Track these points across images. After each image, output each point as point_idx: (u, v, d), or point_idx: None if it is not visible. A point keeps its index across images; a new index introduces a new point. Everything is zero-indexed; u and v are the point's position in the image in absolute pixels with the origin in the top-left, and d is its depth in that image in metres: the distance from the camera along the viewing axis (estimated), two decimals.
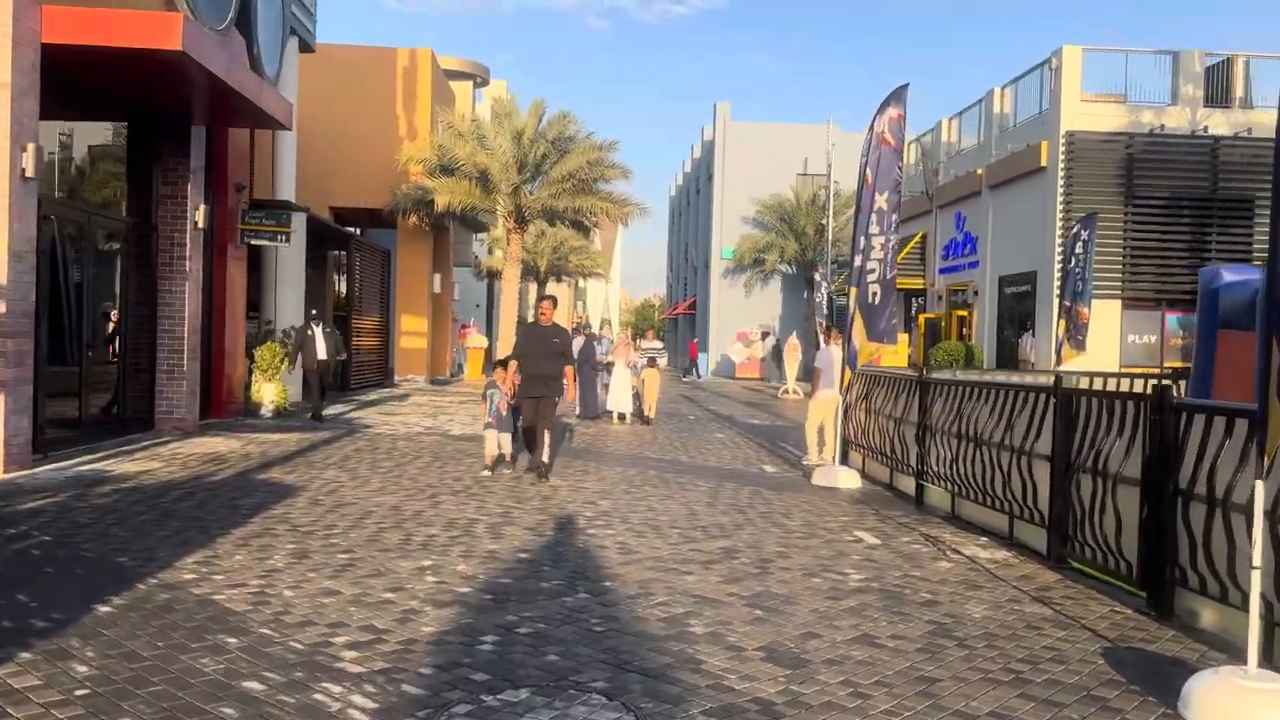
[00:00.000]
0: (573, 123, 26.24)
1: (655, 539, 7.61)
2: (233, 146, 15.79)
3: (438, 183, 25.09)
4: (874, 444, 11.43)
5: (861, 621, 5.57)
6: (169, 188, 13.43)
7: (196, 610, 5.20)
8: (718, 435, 16.50)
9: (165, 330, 13.42)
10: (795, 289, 45.27)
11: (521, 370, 10.33)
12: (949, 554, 7.51)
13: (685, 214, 61.39)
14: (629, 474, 11.24)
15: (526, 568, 6.47)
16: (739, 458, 13.37)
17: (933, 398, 9.72)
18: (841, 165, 37.73)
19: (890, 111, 10.99)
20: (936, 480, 9.53)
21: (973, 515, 8.88)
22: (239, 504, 8.28)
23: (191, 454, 11.29)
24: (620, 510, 8.80)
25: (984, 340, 24.60)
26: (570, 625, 5.23)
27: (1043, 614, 5.91)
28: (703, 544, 7.50)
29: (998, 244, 24.23)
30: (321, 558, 6.50)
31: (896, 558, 7.31)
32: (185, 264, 13.45)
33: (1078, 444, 6.95)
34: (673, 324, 68.26)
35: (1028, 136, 22.90)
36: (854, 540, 7.92)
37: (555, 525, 7.98)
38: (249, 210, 16.03)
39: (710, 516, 8.69)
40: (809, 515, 9.01)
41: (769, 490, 10.46)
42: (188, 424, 13.50)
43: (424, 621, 5.19)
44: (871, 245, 10.94)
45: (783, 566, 6.83)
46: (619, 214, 26.89)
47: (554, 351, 10.33)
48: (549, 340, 10.36)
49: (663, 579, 6.33)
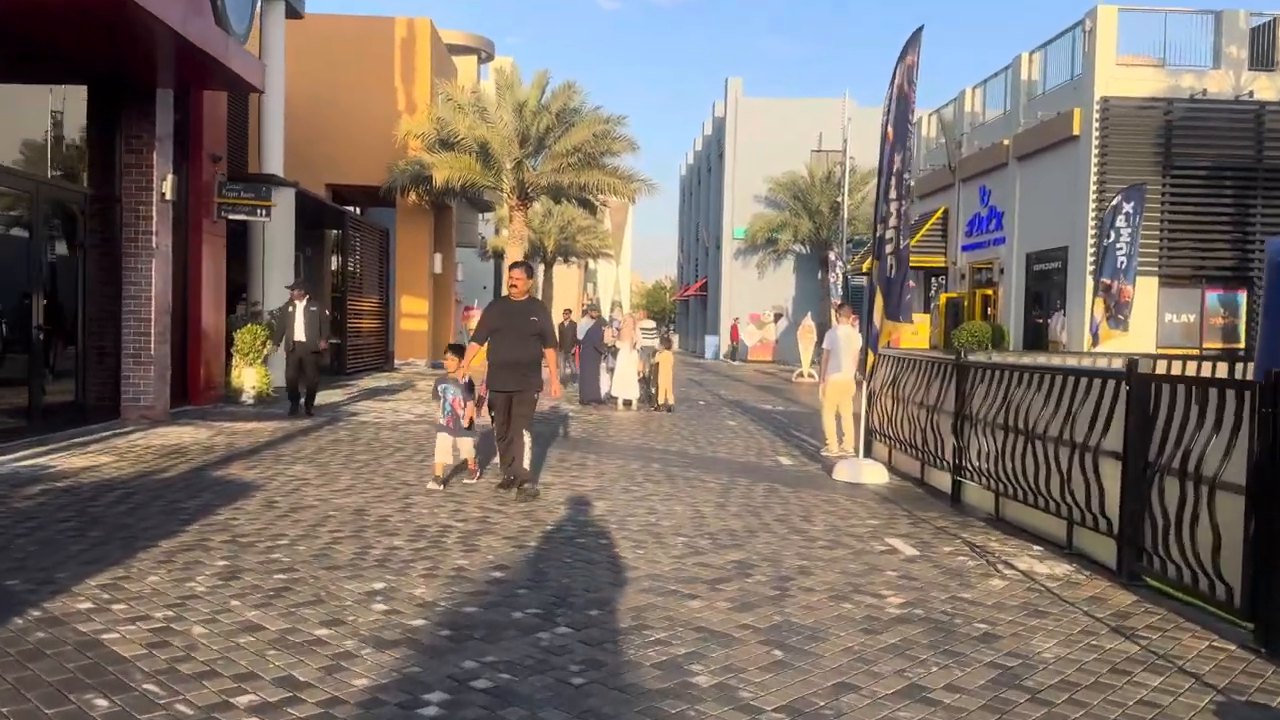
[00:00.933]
0: (577, 94, 25.08)
1: (656, 550, 6.52)
2: (209, 114, 14.71)
3: (436, 158, 23.95)
4: (902, 435, 10.31)
5: (907, 665, 4.48)
6: (132, 156, 12.35)
7: (73, 656, 4.15)
8: (729, 423, 15.40)
9: (130, 311, 12.37)
10: (809, 269, 44.01)
11: (491, 358, 8.35)
12: (1000, 568, 6.41)
13: (696, 193, 60.11)
14: (630, 468, 10.15)
15: (499, 591, 5.40)
16: (752, 448, 12.27)
17: (973, 383, 8.59)
18: (858, 141, 36.46)
19: (908, 58, 9.83)
20: (977, 477, 8.41)
21: (1021, 518, 7.77)
22: (180, 508, 7.23)
23: (151, 446, 10.26)
24: (617, 513, 7.72)
25: (1010, 320, 23.38)
26: (542, 674, 4.16)
27: (1127, 651, 4.81)
28: (711, 556, 6.41)
29: (1025, 218, 22.98)
30: (254, 578, 5.44)
31: (939, 574, 6.21)
32: (151, 239, 12.38)
33: (1159, 440, 5.83)
34: (684, 306, 67.06)
35: (1058, 104, 21.60)
36: (887, 550, 6.82)
37: (540, 534, 6.90)
38: (226, 183, 14.95)
39: (720, 520, 7.60)
40: (832, 518, 7.91)
41: (786, 487, 9.36)
42: (156, 412, 12.47)
43: (357, 671, 4.12)
44: (889, 212, 9.79)
45: (805, 587, 5.74)
46: (626, 190, 25.70)
47: (530, 333, 8.27)
48: (524, 319, 8.27)
49: (662, 606, 5.24)
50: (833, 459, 11.33)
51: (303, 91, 24.67)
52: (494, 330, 8.32)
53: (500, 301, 8.79)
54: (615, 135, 25.21)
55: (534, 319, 8.36)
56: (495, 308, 8.66)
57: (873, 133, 36.79)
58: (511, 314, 8.35)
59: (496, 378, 8.33)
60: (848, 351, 11.87)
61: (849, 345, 11.88)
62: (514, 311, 8.36)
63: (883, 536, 7.25)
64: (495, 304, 8.82)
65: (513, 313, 8.35)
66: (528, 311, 8.39)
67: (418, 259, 27.73)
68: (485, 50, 40.11)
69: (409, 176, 24.59)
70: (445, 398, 8.71)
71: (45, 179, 11.14)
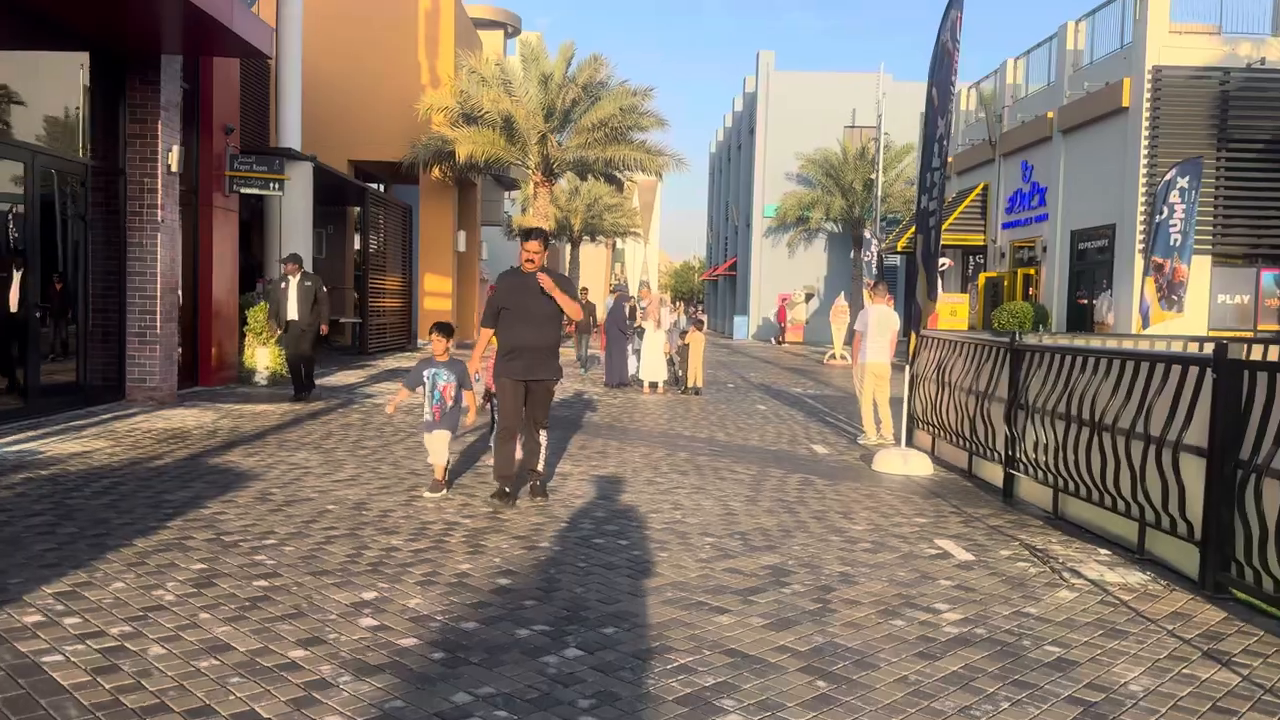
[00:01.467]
0: (604, 67, 24.36)
1: (681, 552, 5.90)
2: (220, 84, 14.17)
3: (459, 132, 23.36)
4: (948, 423, 9.61)
5: (972, 700, 3.83)
6: (136, 126, 11.81)
7: (2, 684, 3.58)
8: (759, 407, 14.72)
9: (135, 289, 11.87)
10: (841, 248, 43.11)
11: (501, 343, 7.11)
12: (1067, 577, 5.72)
13: (725, 171, 59.17)
14: (655, 457, 9.52)
15: (503, 603, 4.79)
16: (785, 435, 11.60)
17: (1029, 369, 7.87)
18: (893, 117, 35.52)
19: (952, 14, 9.07)
20: (1033, 471, 7.71)
21: (1084, 517, 7.07)
22: (167, 500, 6.68)
23: (151, 430, 9.76)
24: (639, 509, 7.09)
25: (1052, 301, 22.48)
26: (545, 712, 3.55)
27: (1226, 683, 4.13)
28: (742, 560, 5.78)
29: (1070, 195, 22.04)
30: (232, 585, 4.86)
31: (999, 583, 5.54)
32: (157, 213, 11.85)
33: (1254, 436, 5.11)
34: (712, 285, 66.25)
35: (1107, 74, 20.62)
36: (938, 554, 6.16)
37: (553, 533, 6.29)
38: (239, 156, 14.41)
39: (752, 517, 6.95)
40: (875, 515, 7.24)
41: (822, 479, 8.70)
42: (163, 394, 11.98)
43: (330, 705, 3.53)
44: (933, 181, 9.04)
45: (849, 598, 5.09)
46: (654, 165, 25.00)
47: (547, 313, 7.04)
48: (539, 295, 7.01)
49: (687, 622, 4.62)
50: (871, 448, 10.66)
51: (325, 66, 24.15)
52: (504, 310, 7.05)
53: (511, 274, 7.22)
54: (643, 110, 24.52)
55: (550, 297, 7.11)
56: (506, 283, 7.17)
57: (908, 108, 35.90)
58: (526, 291, 7.02)
59: (507, 366, 7.04)
60: (883, 333, 11.16)
61: (884, 327, 11.17)
62: (528, 288, 7.02)
63: (932, 537, 6.58)
64: (506, 277, 7.25)
65: (527, 290, 7.02)
66: (541, 288, 7.09)
67: (441, 237, 27.19)
68: (512, 25, 39.37)
69: (431, 152, 24.02)
70: (434, 384, 7.26)
71: (43, 149, 10.62)
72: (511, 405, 7.06)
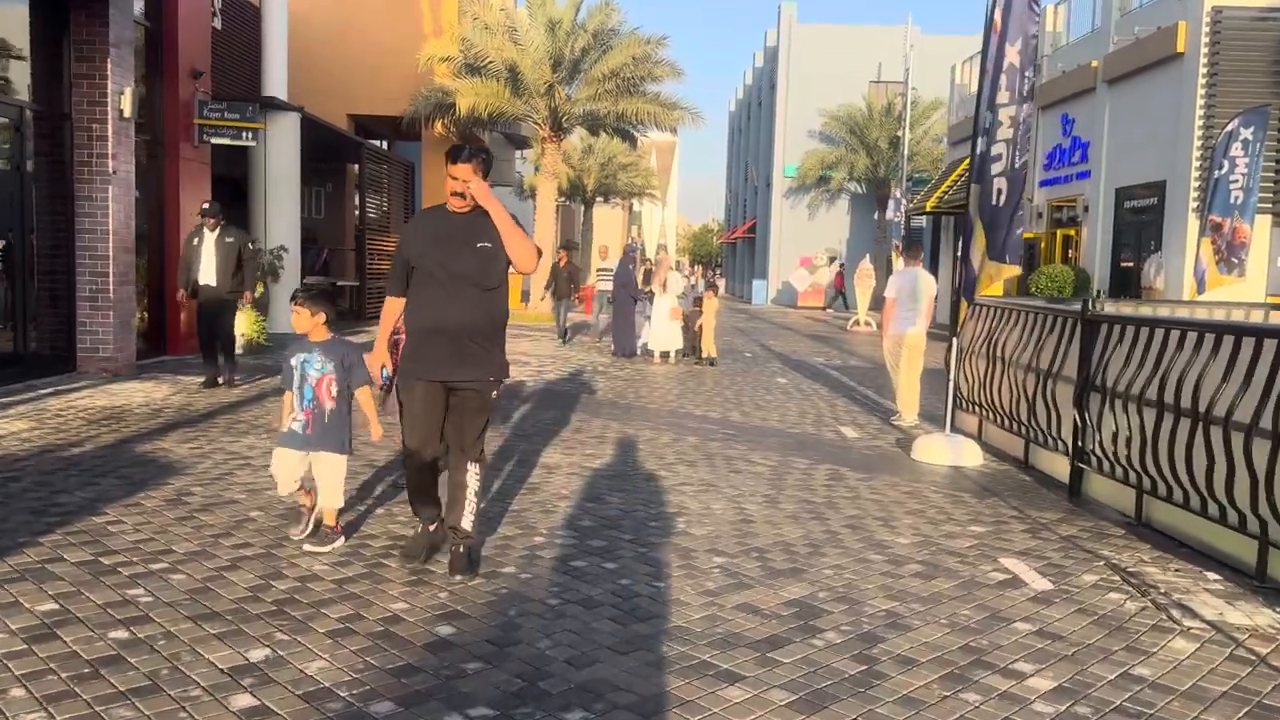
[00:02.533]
0: (616, 12, 22.88)
1: (683, 579, 4.66)
2: (186, 22, 12.86)
3: (461, 83, 21.99)
4: (999, 404, 8.31)
5: None
6: (83, 65, 10.53)
7: None
8: (779, 380, 13.43)
9: (85, 247, 10.66)
10: (865, 210, 41.51)
11: (410, 319, 4.60)
12: (1177, 616, 4.45)
13: (745, 131, 57.42)
14: (660, 443, 8.27)
15: (438, 665, 3.57)
16: (809, 414, 10.32)
17: (1106, 343, 6.56)
18: (920, 71, 33.78)
19: None
20: (1110, 466, 6.43)
21: (1177, 526, 5.78)
22: (58, 503, 5.49)
23: (90, 408, 8.58)
24: (635, 515, 5.85)
25: (1094, 264, 20.98)
26: None
27: None
28: (760, 592, 4.54)
29: (1115, 150, 20.47)
30: (81, 635, 3.66)
31: (1091, 626, 4.28)
32: (108, 162, 10.61)
33: None
34: (730, 249, 64.72)
35: (1159, 18, 18.97)
36: (1006, 579, 4.90)
37: (524, 551, 5.06)
38: (208, 103, 13.13)
39: (772, 526, 5.70)
40: (921, 522, 5.98)
41: (854, 471, 7.43)
42: (119, 364, 10.81)
43: None
44: (999, 120, 7.66)
45: (902, 655, 3.85)
46: (669, 119, 23.56)
47: (482, 273, 4.49)
48: (469, 247, 4.48)
49: (684, 696, 3.39)
50: (908, 430, 9.39)
51: (322, 13, 22.77)
52: (416, 269, 4.54)
53: (430, 215, 4.74)
54: (657, 59, 23.04)
55: (485, 245, 4.46)
56: (420, 228, 4.67)
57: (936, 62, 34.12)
58: (450, 239, 4.47)
59: (417, 358, 4.52)
60: (918, 300, 9.84)
61: (919, 293, 9.84)
62: (452, 236, 4.48)
63: (995, 555, 5.31)
64: (421, 220, 4.78)
65: (450, 237, 4.47)
66: (476, 233, 4.47)
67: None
68: None
69: (432, 105, 22.63)
70: (304, 378, 4.87)
71: None
72: (422, 422, 4.52)
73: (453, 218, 4.55)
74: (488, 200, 4.46)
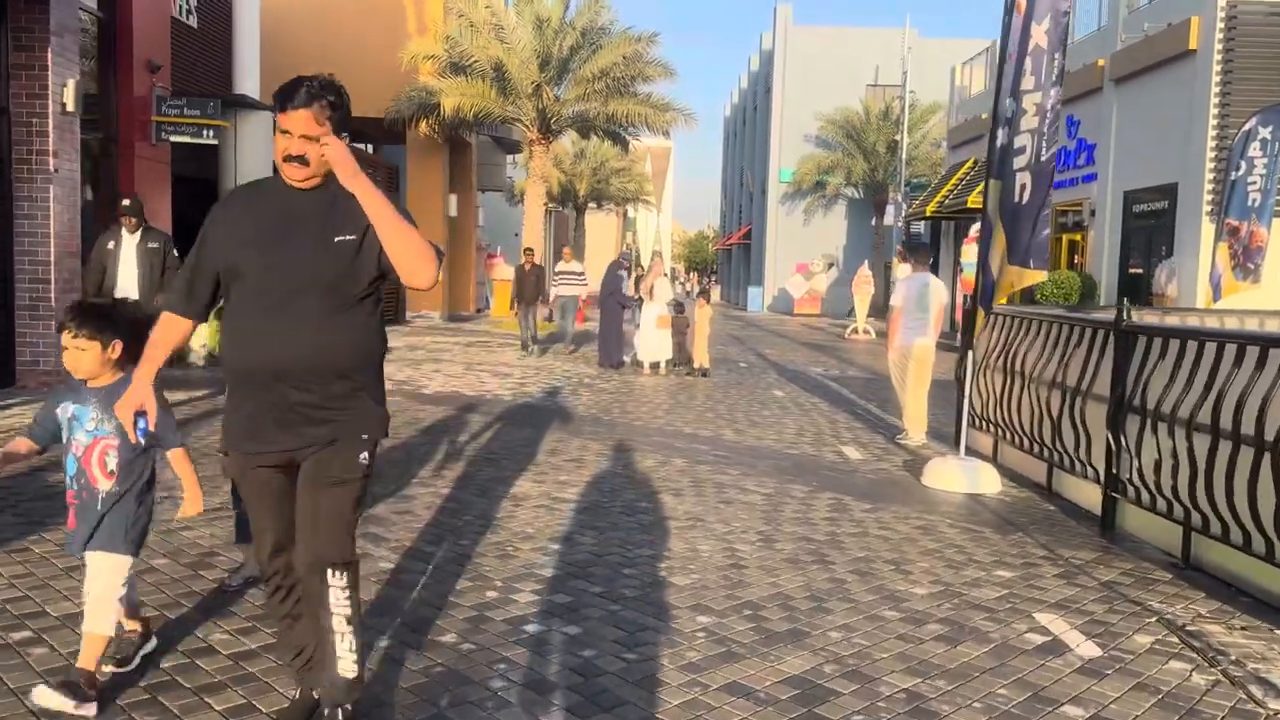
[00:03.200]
0: (606, 9, 22.11)
1: (661, 650, 3.86)
2: (142, 12, 12.07)
3: (445, 83, 21.21)
4: (1017, 423, 7.53)
5: None
6: (21, 55, 9.73)
7: None
8: (776, 393, 12.64)
9: (24, 252, 9.85)
10: (862, 215, 40.76)
11: (226, 356, 2.97)
12: (1256, 692, 3.66)
13: (740, 135, 56.73)
14: (644, 467, 7.47)
15: None
16: (807, 432, 9.53)
17: (1145, 357, 5.79)
18: (919, 74, 33.11)
19: None
20: (1150, 498, 5.65)
21: (1232, 570, 4.99)
22: None
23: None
24: (608, 559, 5.05)
25: (1101, 270, 20.25)
26: None
27: None
28: (752, 664, 3.74)
29: (1123, 151, 19.75)
30: None
31: (1153, 709, 3.48)
32: (48, 160, 9.80)
33: None
34: (726, 255, 64.00)
35: (1169, 14, 18.26)
36: (1045, 641, 4.11)
37: (469, 614, 4.25)
38: (167, 99, 12.35)
39: (767, 574, 4.91)
40: (939, 564, 5.18)
41: (860, 501, 6.64)
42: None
43: None
44: (1023, 109, 6.89)
45: None
46: (661, 121, 22.79)
47: (335, 277, 2.86)
48: (317, 236, 2.87)
49: None
50: (915, 449, 8.61)
51: (299, 11, 22.03)
52: (230, 274, 2.94)
53: (249, 196, 3.08)
54: (648, 59, 22.27)
55: (348, 238, 2.86)
56: (232, 212, 3.02)
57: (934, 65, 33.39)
58: (281, 229, 2.89)
59: (242, 416, 2.98)
60: (926, 309, 9.06)
61: (927, 300, 9.07)
62: (287, 223, 2.90)
63: (1029, 609, 4.52)
64: (235, 202, 3.09)
65: (284, 226, 2.89)
66: (331, 219, 2.88)
67: (430, 200, 25.03)
68: None
69: (416, 105, 21.84)
70: (71, 437, 3.24)
71: None
72: (266, 520, 3.05)
73: (290, 196, 2.91)
74: (351, 173, 2.77)
